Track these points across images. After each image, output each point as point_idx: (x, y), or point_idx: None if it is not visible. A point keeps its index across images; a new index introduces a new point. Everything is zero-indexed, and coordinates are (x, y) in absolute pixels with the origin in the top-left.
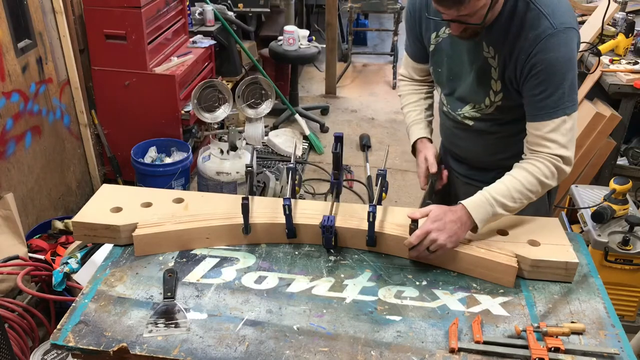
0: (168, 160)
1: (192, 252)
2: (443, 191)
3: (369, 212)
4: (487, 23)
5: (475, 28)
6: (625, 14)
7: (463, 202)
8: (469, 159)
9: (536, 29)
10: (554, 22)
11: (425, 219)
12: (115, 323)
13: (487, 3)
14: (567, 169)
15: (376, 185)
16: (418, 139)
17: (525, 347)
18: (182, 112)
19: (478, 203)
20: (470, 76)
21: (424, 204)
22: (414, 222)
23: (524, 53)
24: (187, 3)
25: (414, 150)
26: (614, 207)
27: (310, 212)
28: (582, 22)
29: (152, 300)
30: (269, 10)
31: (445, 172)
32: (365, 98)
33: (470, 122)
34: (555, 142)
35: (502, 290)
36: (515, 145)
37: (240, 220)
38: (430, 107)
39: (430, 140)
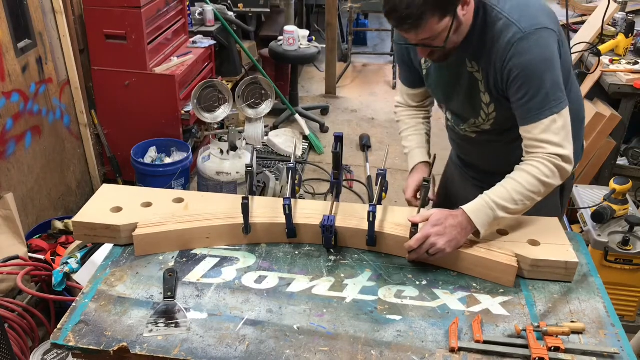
0: (168, 160)
1: (192, 251)
2: (456, 193)
3: (369, 212)
4: (452, 45)
5: (443, 50)
6: (625, 14)
7: (463, 207)
8: (478, 165)
9: (506, 36)
10: (522, 26)
11: (425, 223)
12: (115, 323)
13: (447, 27)
14: (568, 167)
15: (376, 185)
16: (419, 162)
17: (525, 346)
18: (182, 112)
19: (478, 207)
20: (461, 94)
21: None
22: (414, 225)
23: (500, 61)
24: (187, 3)
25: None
26: (614, 207)
27: (310, 212)
28: (582, 22)
29: (152, 300)
30: (269, 10)
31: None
32: (365, 98)
33: (473, 135)
34: (549, 142)
35: (502, 290)
36: (521, 148)
37: (240, 220)
38: (428, 132)
39: (428, 164)
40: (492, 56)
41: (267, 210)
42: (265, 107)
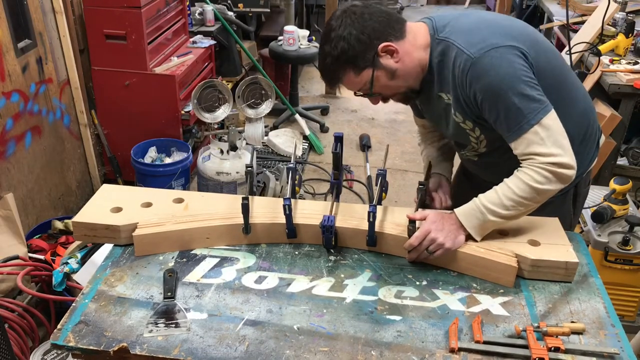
0: (168, 160)
1: (192, 252)
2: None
3: (369, 212)
4: (402, 89)
5: (398, 95)
6: (625, 14)
7: (455, 209)
8: (488, 180)
9: (460, 65)
10: (470, 52)
11: (423, 221)
12: (115, 323)
13: (368, 78)
14: (567, 172)
15: (376, 185)
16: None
17: (525, 346)
18: (182, 112)
19: (469, 211)
20: (448, 124)
21: None
22: (412, 223)
23: (462, 89)
24: (187, 3)
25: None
26: (614, 207)
27: (310, 212)
28: (582, 22)
29: (152, 300)
30: (269, 10)
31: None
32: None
33: (476, 159)
34: (538, 154)
35: (502, 290)
36: None
37: (240, 220)
38: (441, 147)
39: (445, 177)
40: (456, 87)
41: (267, 210)
42: (265, 107)
